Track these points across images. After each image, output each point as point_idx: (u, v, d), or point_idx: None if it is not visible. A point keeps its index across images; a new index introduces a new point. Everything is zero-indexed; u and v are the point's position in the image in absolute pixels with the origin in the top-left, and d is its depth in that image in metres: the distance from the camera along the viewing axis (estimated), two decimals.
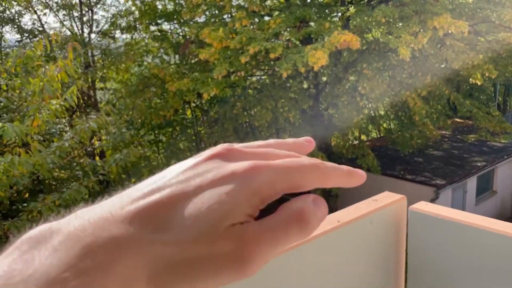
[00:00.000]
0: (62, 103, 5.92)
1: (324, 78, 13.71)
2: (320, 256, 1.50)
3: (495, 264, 1.46)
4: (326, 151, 12.95)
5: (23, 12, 12.53)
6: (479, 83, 11.07)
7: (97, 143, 8.21)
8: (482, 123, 12.96)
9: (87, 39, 12.02)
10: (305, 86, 13.61)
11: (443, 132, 16.98)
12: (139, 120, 11.98)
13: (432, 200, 11.69)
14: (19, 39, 12.49)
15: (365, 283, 1.68)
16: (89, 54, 11.87)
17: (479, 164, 13.63)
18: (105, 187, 11.33)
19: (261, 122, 11.94)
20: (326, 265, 1.52)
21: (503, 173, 14.36)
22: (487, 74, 10.91)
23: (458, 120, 18.99)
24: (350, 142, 13.99)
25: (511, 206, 14.82)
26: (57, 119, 10.32)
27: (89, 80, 11.91)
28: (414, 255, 1.74)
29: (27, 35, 12.55)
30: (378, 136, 19.24)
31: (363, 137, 17.98)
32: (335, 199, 12.92)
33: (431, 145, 15.39)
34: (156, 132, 13.97)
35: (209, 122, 14.38)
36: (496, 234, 1.47)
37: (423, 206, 1.81)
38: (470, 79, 11.27)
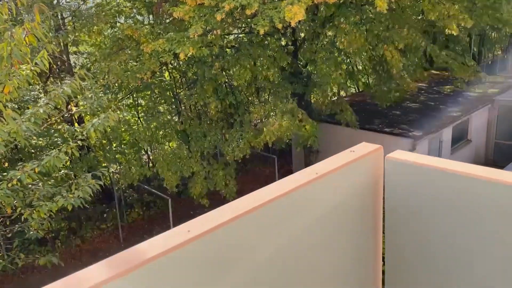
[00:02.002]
0: (32, 68, 5.76)
1: (302, 35, 13.56)
2: (300, 207, 1.57)
3: (469, 206, 1.55)
4: (306, 109, 13.02)
5: None
6: (455, 34, 11.12)
7: (74, 109, 8.06)
8: (457, 74, 13.14)
9: (55, 0, 11.48)
10: (283, 43, 13.46)
11: (420, 84, 17.21)
12: (116, 84, 11.73)
13: (409, 151, 12.01)
14: None
15: (344, 231, 1.77)
16: (59, 16, 11.38)
17: (454, 114, 13.96)
18: (85, 153, 11.24)
19: (240, 82, 11.84)
20: (306, 216, 1.59)
21: (477, 122, 14.77)
22: (463, 24, 10.94)
23: (434, 72, 19.20)
24: (329, 98, 14.07)
25: (484, 154, 15.36)
26: (30, 86, 10.03)
27: (61, 44, 11.49)
28: (391, 202, 1.83)
29: None
30: (357, 91, 19.37)
31: (342, 93, 18.08)
32: (315, 155, 13.14)
33: (408, 98, 15.63)
34: (134, 95, 13.74)
35: (188, 83, 14.19)
36: (470, 178, 1.55)
37: (399, 154, 1.89)
38: (446, 30, 11.31)
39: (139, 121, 13.96)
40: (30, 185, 6.13)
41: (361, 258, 1.86)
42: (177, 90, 14.25)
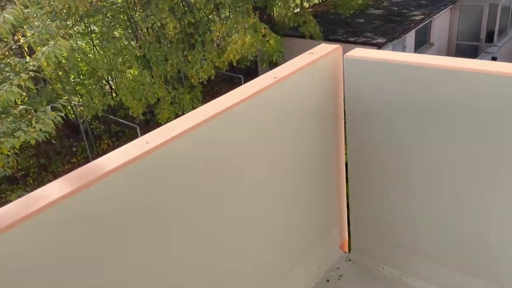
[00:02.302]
0: None
1: None
2: (261, 112, 1.55)
3: (430, 98, 1.56)
4: (269, 23, 12.62)
5: None
6: None
7: (22, 40, 7.52)
8: None
9: None
10: None
11: None
12: (64, 10, 10.89)
13: None
14: None
15: (306, 133, 1.79)
16: None
17: (417, 18, 13.90)
18: (42, 87, 10.73)
19: None
20: (267, 121, 1.58)
21: (439, 24, 14.81)
22: None
23: None
24: (292, 10, 13.61)
25: (446, 56, 15.64)
26: None
27: None
28: (352, 100, 1.83)
29: None
30: (320, 1, 18.80)
31: (306, 4, 17.50)
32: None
33: (372, 5, 15.34)
34: (86, 21, 12.86)
35: (141, 4, 13.31)
36: (431, 69, 1.55)
37: (357, 52, 1.86)
38: None
39: (94, 49, 13.25)
40: None
41: (324, 156, 1.91)
42: (131, 12, 13.41)
